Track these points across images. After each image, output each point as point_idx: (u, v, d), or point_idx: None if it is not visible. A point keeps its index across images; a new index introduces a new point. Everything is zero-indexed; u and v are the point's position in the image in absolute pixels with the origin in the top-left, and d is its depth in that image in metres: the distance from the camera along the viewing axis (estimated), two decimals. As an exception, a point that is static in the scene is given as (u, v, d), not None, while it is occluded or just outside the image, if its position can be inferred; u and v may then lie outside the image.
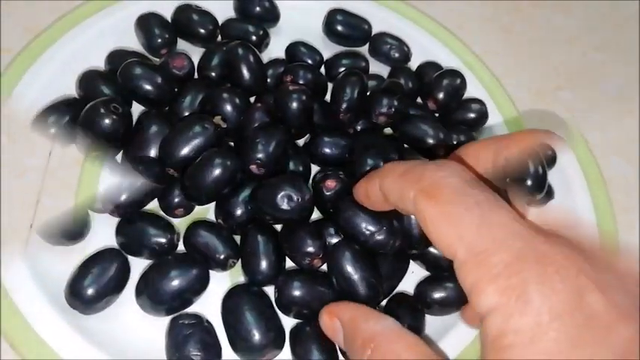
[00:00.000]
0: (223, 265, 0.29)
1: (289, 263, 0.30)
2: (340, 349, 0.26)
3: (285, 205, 0.28)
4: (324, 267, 0.29)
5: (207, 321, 0.28)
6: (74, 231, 0.29)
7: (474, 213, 0.19)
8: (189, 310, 0.28)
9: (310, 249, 0.28)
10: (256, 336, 0.26)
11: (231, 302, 0.28)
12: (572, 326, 0.16)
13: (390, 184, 0.23)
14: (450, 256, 0.19)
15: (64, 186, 0.31)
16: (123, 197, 0.28)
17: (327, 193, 0.30)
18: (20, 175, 0.31)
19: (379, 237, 0.27)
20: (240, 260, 0.29)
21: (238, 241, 0.30)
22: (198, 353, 0.26)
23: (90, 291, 0.27)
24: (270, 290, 0.29)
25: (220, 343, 0.27)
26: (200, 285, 0.28)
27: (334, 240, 0.29)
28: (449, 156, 0.27)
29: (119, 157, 0.32)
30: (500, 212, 0.19)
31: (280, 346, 0.27)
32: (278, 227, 0.31)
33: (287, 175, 0.29)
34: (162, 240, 0.29)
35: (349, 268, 0.27)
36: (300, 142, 0.35)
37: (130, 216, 0.29)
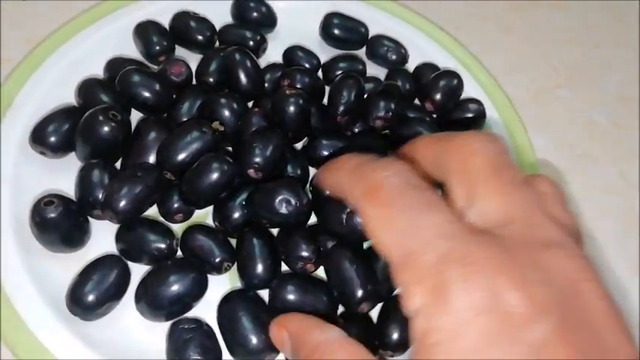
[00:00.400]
0: (218, 269, 0.29)
1: (285, 267, 0.30)
2: None
3: (283, 210, 0.28)
4: (319, 271, 0.29)
5: (207, 325, 0.28)
6: (74, 238, 0.29)
7: (407, 215, 0.19)
8: (189, 314, 0.28)
9: (304, 253, 0.28)
10: (253, 340, 0.26)
11: (227, 308, 0.28)
12: (489, 323, 0.16)
13: (341, 178, 0.23)
14: (387, 259, 0.19)
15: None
16: (122, 204, 0.28)
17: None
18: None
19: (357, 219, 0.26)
20: (233, 264, 0.29)
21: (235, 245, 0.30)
22: (199, 357, 0.26)
23: (90, 297, 0.27)
24: (266, 294, 0.29)
25: (220, 346, 0.27)
26: (199, 290, 0.28)
27: (330, 244, 0.29)
28: (400, 149, 0.27)
29: (118, 164, 0.33)
30: (431, 214, 0.19)
31: (277, 350, 0.27)
32: (274, 231, 0.31)
33: (284, 179, 0.29)
34: (162, 245, 0.29)
35: (346, 271, 0.27)
36: (298, 145, 0.35)
37: (129, 222, 0.29)
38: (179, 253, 0.30)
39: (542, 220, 0.19)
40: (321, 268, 0.29)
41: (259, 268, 0.28)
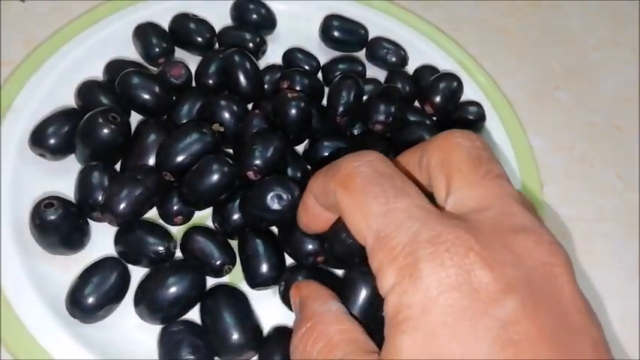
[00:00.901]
0: (219, 272, 0.29)
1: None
2: None
3: (276, 206, 0.28)
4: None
5: (198, 325, 0.28)
6: (74, 240, 0.29)
7: (381, 201, 0.19)
8: (188, 316, 0.28)
9: (311, 247, 0.28)
10: (234, 336, 0.26)
11: (209, 302, 0.28)
12: (458, 299, 0.16)
13: (316, 184, 0.23)
14: (363, 244, 0.20)
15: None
16: (122, 206, 0.28)
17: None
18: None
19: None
20: (234, 267, 0.30)
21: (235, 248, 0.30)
22: (191, 357, 0.26)
23: (90, 300, 0.27)
24: (250, 291, 0.29)
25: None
26: (197, 292, 0.28)
27: None
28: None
29: (118, 165, 0.32)
30: (404, 198, 0.19)
31: (258, 347, 0.27)
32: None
33: (272, 177, 0.29)
34: (159, 248, 0.29)
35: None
36: (300, 148, 0.35)
37: (127, 225, 0.29)
38: (178, 255, 0.30)
39: (516, 209, 0.19)
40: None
41: (264, 266, 0.29)
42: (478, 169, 0.21)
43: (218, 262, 0.29)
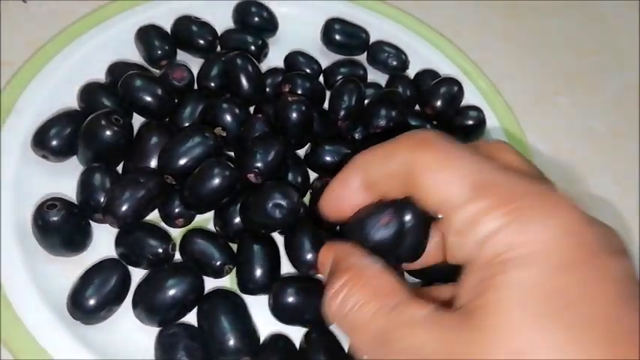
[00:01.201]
0: (219, 272, 0.29)
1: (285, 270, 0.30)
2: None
3: (277, 214, 0.28)
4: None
5: (195, 327, 0.28)
6: (76, 241, 0.29)
7: (473, 159, 0.19)
8: (186, 319, 0.28)
9: (309, 257, 0.28)
10: (230, 341, 0.26)
11: (206, 307, 0.28)
12: (575, 246, 0.17)
13: (372, 156, 0.22)
14: (445, 204, 0.19)
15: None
16: (123, 209, 0.28)
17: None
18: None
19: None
20: (234, 267, 0.30)
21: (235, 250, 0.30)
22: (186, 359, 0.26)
23: (91, 301, 0.27)
24: (248, 297, 0.29)
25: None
26: (195, 295, 0.28)
27: None
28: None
29: (120, 168, 0.33)
30: (491, 161, 0.19)
31: (254, 352, 0.27)
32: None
33: (272, 183, 0.29)
34: (158, 250, 0.29)
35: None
36: (301, 152, 0.36)
37: (128, 226, 0.29)
38: (178, 257, 0.30)
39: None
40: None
41: (257, 272, 0.28)
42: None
43: (218, 263, 0.29)
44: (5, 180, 0.31)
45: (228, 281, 0.30)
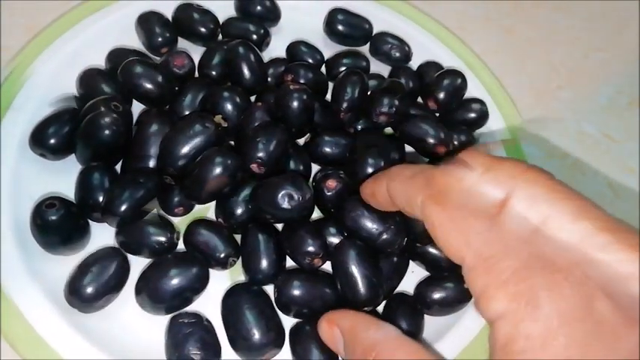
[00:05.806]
0: (224, 264, 0.29)
1: (290, 262, 0.30)
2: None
3: (286, 204, 0.28)
4: (325, 266, 0.29)
5: (207, 320, 0.28)
6: (75, 240, 0.29)
7: (482, 218, 0.19)
8: (189, 308, 0.28)
9: (311, 248, 0.28)
10: (256, 335, 0.26)
11: (232, 301, 0.28)
12: (581, 332, 0.16)
13: (397, 187, 0.23)
14: (459, 262, 0.19)
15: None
16: (123, 209, 0.28)
17: (328, 193, 0.30)
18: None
19: (386, 236, 0.27)
20: (240, 259, 0.29)
21: (239, 241, 0.30)
22: (198, 352, 0.26)
23: (89, 289, 0.27)
24: (270, 289, 0.29)
25: (220, 342, 0.27)
26: (200, 284, 0.28)
27: (335, 239, 0.29)
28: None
29: (118, 166, 0.32)
30: (505, 218, 0.19)
31: (280, 346, 0.27)
32: (279, 226, 0.31)
33: (287, 174, 0.29)
34: (162, 239, 0.29)
35: (352, 267, 0.27)
36: (301, 141, 0.35)
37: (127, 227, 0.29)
38: (181, 246, 0.30)
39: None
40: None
41: (264, 263, 0.28)
42: None
43: (222, 255, 0.29)
44: (3, 178, 0.30)
45: (228, 271, 0.30)
